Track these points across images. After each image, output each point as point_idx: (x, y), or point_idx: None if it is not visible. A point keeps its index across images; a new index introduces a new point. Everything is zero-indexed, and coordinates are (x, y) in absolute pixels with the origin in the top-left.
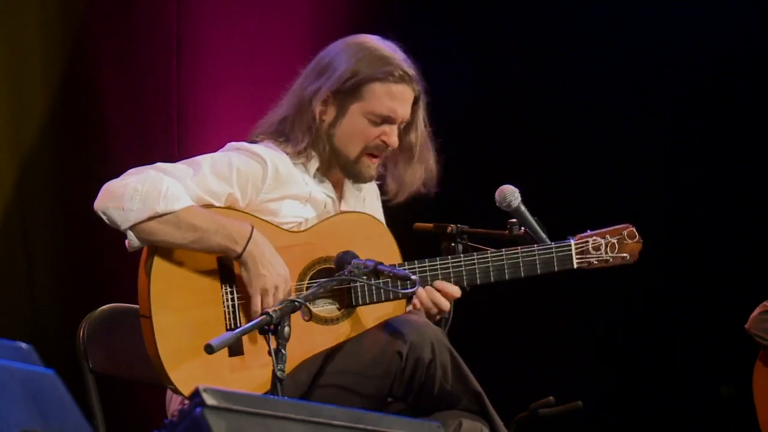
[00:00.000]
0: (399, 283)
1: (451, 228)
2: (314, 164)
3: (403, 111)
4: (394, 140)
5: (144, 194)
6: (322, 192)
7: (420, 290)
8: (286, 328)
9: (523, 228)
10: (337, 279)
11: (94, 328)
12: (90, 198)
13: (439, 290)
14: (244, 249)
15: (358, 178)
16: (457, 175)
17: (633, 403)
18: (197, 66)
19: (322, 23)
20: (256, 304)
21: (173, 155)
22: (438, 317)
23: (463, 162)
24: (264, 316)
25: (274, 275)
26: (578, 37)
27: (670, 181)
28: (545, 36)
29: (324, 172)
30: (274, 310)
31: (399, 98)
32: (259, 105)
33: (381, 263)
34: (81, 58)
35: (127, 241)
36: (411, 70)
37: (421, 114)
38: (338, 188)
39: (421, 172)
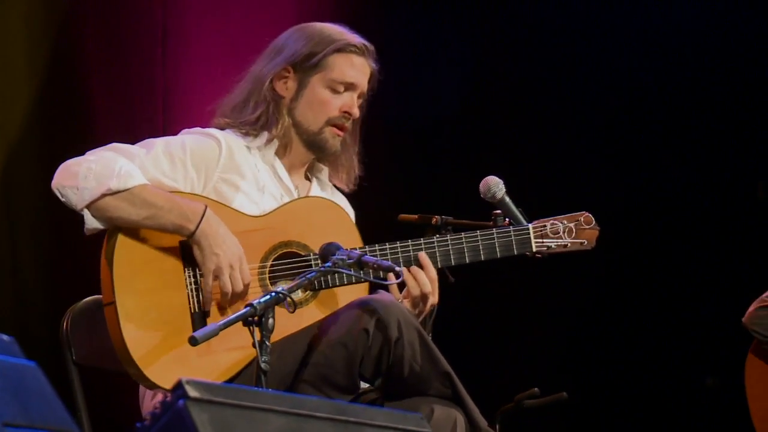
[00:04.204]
0: (382, 274)
1: (435, 219)
2: (272, 148)
3: (363, 81)
4: (356, 111)
5: (97, 173)
6: (277, 184)
7: (405, 269)
8: (270, 320)
9: (507, 219)
10: (322, 270)
11: (77, 319)
12: None
13: (421, 266)
14: (197, 227)
15: (323, 150)
16: (442, 166)
17: (618, 394)
18: (183, 56)
19: (308, 13)
20: (208, 284)
21: None
22: (423, 305)
23: (447, 153)
24: (248, 308)
25: (228, 253)
26: (564, 36)
27: (658, 171)
28: (529, 32)
29: (285, 160)
30: (258, 302)
31: (359, 68)
32: None
33: (365, 254)
34: (66, 49)
35: (84, 228)
36: (369, 44)
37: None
38: (301, 184)
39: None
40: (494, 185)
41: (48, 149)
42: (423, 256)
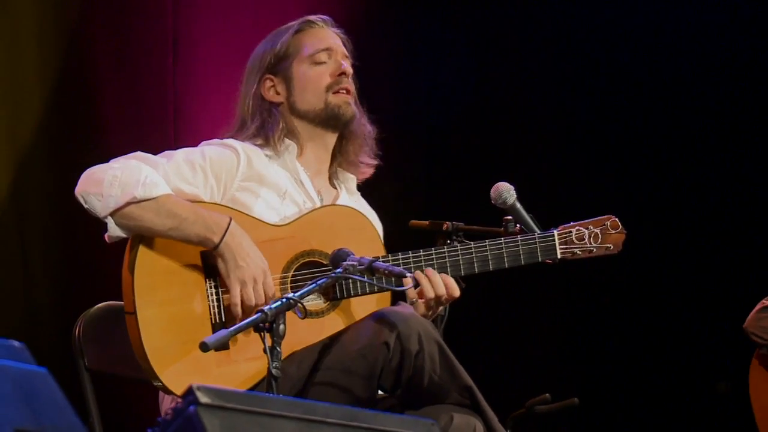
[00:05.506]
0: (394, 281)
1: (446, 225)
2: (291, 153)
3: (338, 45)
4: (348, 68)
5: (122, 181)
6: (299, 190)
7: (419, 272)
8: (281, 326)
9: (518, 225)
10: (332, 277)
11: (89, 326)
12: None
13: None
14: (221, 240)
15: (339, 118)
16: (452, 172)
17: (629, 399)
18: (193, 63)
19: None
20: (236, 296)
21: None
22: (435, 308)
23: (458, 159)
24: (259, 314)
25: (252, 266)
26: (572, 37)
27: (669, 177)
28: (541, 36)
29: (309, 158)
30: (270, 308)
31: (326, 38)
32: None
33: (376, 260)
34: (77, 57)
35: (106, 235)
36: (325, 16)
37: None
38: (325, 189)
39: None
40: (505, 191)
41: (59, 158)
42: (445, 276)
